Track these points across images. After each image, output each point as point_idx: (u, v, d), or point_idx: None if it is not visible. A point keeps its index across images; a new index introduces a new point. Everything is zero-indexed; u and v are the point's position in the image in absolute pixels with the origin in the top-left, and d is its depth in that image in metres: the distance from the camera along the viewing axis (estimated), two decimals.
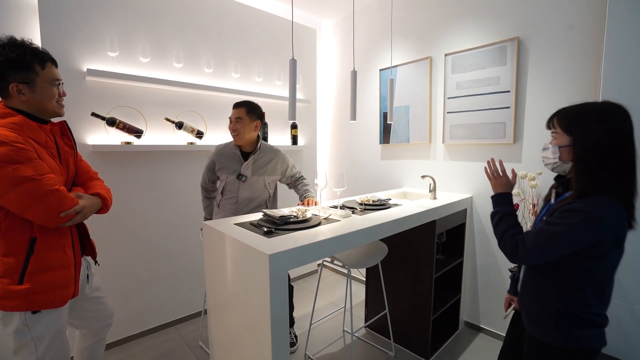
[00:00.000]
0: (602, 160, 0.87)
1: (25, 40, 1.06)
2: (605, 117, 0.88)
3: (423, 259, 1.89)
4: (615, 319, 1.52)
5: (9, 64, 1.01)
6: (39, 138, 1.07)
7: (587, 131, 0.89)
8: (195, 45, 2.26)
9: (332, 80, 3.25)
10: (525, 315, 1.04)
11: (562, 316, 0.94)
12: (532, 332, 1.01)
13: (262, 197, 1.87)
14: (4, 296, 1.02)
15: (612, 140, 0.87)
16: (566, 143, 0.93)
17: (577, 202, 0.88)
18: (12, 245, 1.03)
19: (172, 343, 2.10)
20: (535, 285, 1.01)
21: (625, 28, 1.45)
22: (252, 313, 1.19)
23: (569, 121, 0.93)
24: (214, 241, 1.41)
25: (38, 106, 1.08)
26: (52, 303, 1.07)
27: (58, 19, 1.73)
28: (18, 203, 0.97)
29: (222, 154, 1.85)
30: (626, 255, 1.49)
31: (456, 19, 2.23)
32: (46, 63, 1.08)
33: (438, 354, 1.99)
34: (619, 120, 0.88)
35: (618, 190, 0.86)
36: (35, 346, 1.07)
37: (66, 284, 1.11)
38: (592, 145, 0.88)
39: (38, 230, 1.05)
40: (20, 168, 0.95)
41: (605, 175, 0.87)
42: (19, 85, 1.04)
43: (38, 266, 1.05)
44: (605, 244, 0.86)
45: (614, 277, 0.93)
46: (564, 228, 0.87)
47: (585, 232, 0.85)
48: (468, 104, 2.16)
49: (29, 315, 1.05)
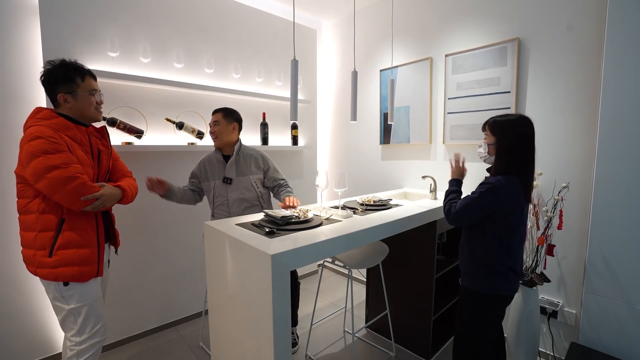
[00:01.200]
0: (511, 152, 1.25)
1: (71, 60, 1.31)
2: (516, 125, 1.27)
3: (424, 260, 1.90)
4: (615, 318, 1.53)
5: (57, 79, 1.26)
6: (75, 136, 1.28)
7: (505, 134, 1.27)
8: (195, 45, 2.26)
9: (332, 81, 3.25)
10: (461, 270, 1.40)
11: (484, 266, 1.30)
12: (463, 283, 1.38)
13: (252, 197, 1.88)
14: (39, 265, 1.24)
15: (519, 141, 1.26)
16: (492, 142, 1.31)
17: (490, 178, 1.27)
18: (46, 223, 1.23)
19: (172, 344, 2.10)
20: (467, 244, 1.37)
21: (625, 28, 1.45)
22: (253, 313, 1.19)
23: (495, 127, 1.30)
24: (215, 241, 1.41)
25: (80, 112, 1.31)
26: (76, 277, 1.26)
27: (59, 19, 1.73)
28: (48, 187, 1.17)
29: (207, 161, 1.92)
30: (625, 254, 1.50)
31: (456, 19, 2.23)
32: (85, 76, 1.31)
33: (439, 354, 1.99)
34: (525, 128, 1.26)
35: (520, 173, 1.25)
36: (74, 318, 1.28)
37: (88, 261, 1.29)
38: (506, 143, 1.27)
39: (67, 212, 1.25)
40: (50, 157, 1.16)
41: (512, 162, 1.25)
42: (65, 95, 1.27)
43: (64, 243, 1.24)
44: (505, 208, 1.24)
45: (518, 239, 1.29)
46: (477, 195, 1.26)
47: (489, 197, 1.23)
48: (468, 105, 2.17)
49: (62, 286, 1.25)
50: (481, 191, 1.25)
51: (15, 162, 1.69)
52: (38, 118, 1.24)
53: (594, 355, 1.54)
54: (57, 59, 1.29)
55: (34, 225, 1.24)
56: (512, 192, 1.23)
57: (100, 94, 1.37)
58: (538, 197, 1.84)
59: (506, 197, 1.23)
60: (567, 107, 1.78)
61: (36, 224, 1.23)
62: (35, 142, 1.16)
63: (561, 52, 1.78)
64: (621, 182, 1.49)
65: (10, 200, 1.73)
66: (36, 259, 1.24)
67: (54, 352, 1.88)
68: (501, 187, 1.22)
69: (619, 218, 1.50)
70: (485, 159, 1.36)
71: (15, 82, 1.71)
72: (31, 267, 1.27)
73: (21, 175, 1.23)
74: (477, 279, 1.32)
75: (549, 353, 1.89)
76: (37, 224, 1.23)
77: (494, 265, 1.28)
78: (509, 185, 1.23)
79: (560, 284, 1.86)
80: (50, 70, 1.27)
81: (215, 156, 1.90)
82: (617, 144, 1.49)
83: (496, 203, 1.23)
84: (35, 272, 1.25)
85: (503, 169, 1.27)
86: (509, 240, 1.28)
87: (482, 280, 1.31)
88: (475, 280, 1.33)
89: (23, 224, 1.27)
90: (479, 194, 1.25)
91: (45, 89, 1.29)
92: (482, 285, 1.31)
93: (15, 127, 1.72)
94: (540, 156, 1.85)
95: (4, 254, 1.72)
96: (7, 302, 1.74)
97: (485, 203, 1.24)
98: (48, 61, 1.28)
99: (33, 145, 1.16)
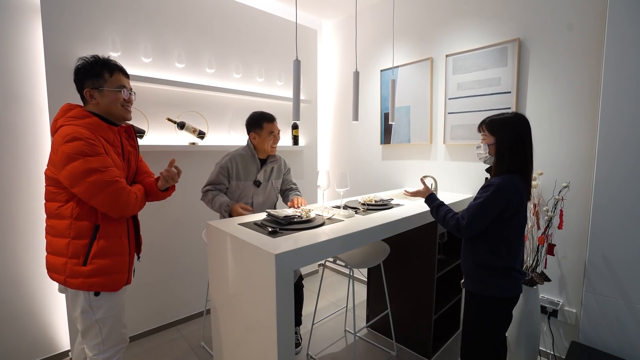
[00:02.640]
0: (512, 151, 1.25)
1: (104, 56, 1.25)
2: (514, 123, 1.27)
3: (424, 259, 1.90)
4: (615, 316, 1.54)
5: (85, 73, 1.20)
6: (108, 137, 1.22)
7: (504, 133, 1.27)
8: (196, 45, 2.27)
9: (333, 81, 3.26)
10: (466, 275, 1.37)
11: (490, 269, 1.27)
12: (467, 287, 1.36)
13: (272, 200, 1.98)
14: (71, 274, 1.16)
15: (518, 139, 1.26)
16: (492, 142, 1.30)
17: (492, 179, 1.27)
18: (81, 229, 1.16)
19: (173, 343, 2.10)
20: (470, 248, 1.34)
21: (625, 28, 1.46)
22: (257, 313, 1.19)
23: (493, 126, 1.30)
24: (218, 241, 1.41)
25: (106, 109, 1.24)
26: (109, 286, 1.20)
27: (60, 19, 1.73)
28: (87, 192, 1.11)
29: (241, 161, 1.84)
30: (625, 254, 1.51)
31: (457, 20, 2.24)
32: (114, 72, 1.24)
33: (440, 353, 2.00)
34: (522, 126, 1.27)
35: (521, 171, 1.25)
36: (99, 329, 1.21)
37: (121, 269, 1.24)
38: (506, 142, 1.26)
39: (101, 218, 1.19)
40: (90, 160, 1.10)
41: (513, 161, 1.25)
42: (91, 91, 1.21)
43: (99, 251, 1.18)
44: (511, 207, 1.22)
45: (521, 238, 1.29)
46: (483, 199, 1.23)
47: (496, 199, 1.21)
48: (469, 105, 2.18)
49: (92, 296, 1.19)
50: (486, 195, 1.22)
51: (14, 161, 1.72)
52: (70, 117, 1.17)
53: (594, 354, 1.55)
54: (90, 55, 1.25)
55: (67, 231, 1.16)
56: (517, 191, 1.22)
57: (131, 92, 1.29)
58: (539, 197, 1.85)
59: (512, 197, 1.21)
60: (568, 107, 1.79)
61: (69, 230, 1.15)
62: (74, 144, 1.09)
63: (561, 52, 1.79)
64: (621, 182, 1.50)
65: (10, 200, 1.73)
66: (68, 268, 1.16)
67: (54, 352, 1.88)
68: (506, 187, 1.21)
69: (619, 218, 1.51)
70: (486, 159, 1.35)
71: (16, 82, 1.71)
72: (59, 276, 1.18)
73: (54, 177, 1.16)
74: (483, 282, 1.29)
75: (549, 352, 1.90)
76: (70, 231, 1.15)
77: (499, 267, 1.26)
78: (514, 185, 1.22)
79: (561, 283, 1.87)
80: (80, 66, 1.22)
81: (251, 158, 1.87)
82: (617, 144, 1.50)
83: (503, 204, 1.21)
84: (65, 281, 1.17)
85: (505, 169, 1.26)
86: (515, 240, 1.26)
87: (489, 283, 1.28)
88: (481, 284, 1.29)
89: (53, 229, 1.19)
90: (485, 198, 1.22)
91: (76, 86, 1.24)
92: (489, 289, 1.28)
93: (16, 127, 1.72)
94: (540, 156, 1.86)
95: (4, 255, 1.72)
96: (7, 302, 1.73)
97: (493, 206, 1.22)
98: (80, 57, 1.23)
99: (71, 147, 1.09)
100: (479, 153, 1.37)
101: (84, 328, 1.21)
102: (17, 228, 1.74)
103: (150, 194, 1.36)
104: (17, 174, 1.73)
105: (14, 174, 1.72)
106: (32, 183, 1.77)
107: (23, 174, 1.75)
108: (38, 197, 1.79)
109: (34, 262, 1.79)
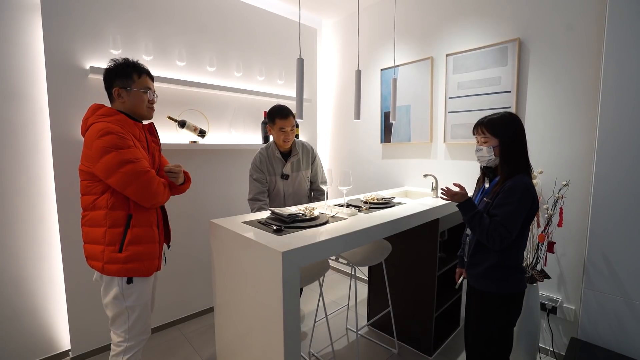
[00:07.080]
0: (515, 150, 1.26)
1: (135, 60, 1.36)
2: (514, 122, 1.28)
3: (425, 257, 1.92)
4: (614, 313, 1.56)
5: (116, 73, 1.30)
6: (135, 133, 1.31)
7: (507, 133, 1.26)
8: (197, 43, 2.26)
9: (333, 80, 3.26)
10: (475, 276, 1.35)
11: (506, 268, 1.27)
12: (479, 287, 1.33)
13: (304, 190, 2.09)
14: (109, 260, 1.24)
15: (519, 137, 1.27)
16: (496, 144, 1.28)
17: (509, 181, 1.23)
18: (116, 219, 1.24)
19: (175, 342, 2.10)
20: (483, 250, 1.31)
21: (625, 28, 1.48)
22: (262, 310, 1.19)
23: (495, 127, 1.28)
24: (222, 239, 1.41)
25: (132, 108, 1.33)
26: (142, 272, 1.29)
27: (60, 17, 1.71)
28: (121, 182, 1.19)
29: (267, 160, 1.97)
30: (624, 251, 1.53)
31: (457, 19, 2.25)
32: (142, 74, 1.34)
33: (441, 350, 2.01)
34: (518, 123, 1.28)
35: (527, 169, 1.27)
36: (127, 315, 1.29)
37: (152, 256, 1.33)
38: (511, 142, 1.26)
39: (133, 208, 1.27)
40: (123, 152, 1.19)
41: (518, 159, 1.26)
42: (120, 90, 1.30)
43: (133, 238, 1.26)
44: (534, 206, 1.23)
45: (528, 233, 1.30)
46: (515, 203, 1.19)
47: (526, 200, 1.20)
48: (469, 104, 2.19)
49: (125, 284, 1.27)
50: (519, 198, 1.19)
51: (13, 159, 1.70)
52: (100, 114, 1.25)
53: (593, 350, 1.57)
54: (121, 58, 1.34)
55: (103, 221, 1.24)
56: (534, 188, 1.23)
57: (154, 94, 1.39)
58: (539, 195, 1.87)
59: (535, 197, 1.22)
60: (567, 106, 1.81)
61: (105, 219, 1.24)
62: (107, 138, 1.18)
63: (561, 52, 1.81)
64: (620, 180, 1.52)
65: (11, 199, 1.71)
66: (105, 255, 1.24)
67: (54, 352, 1.87)
68: (529, 186, 1.21)
69: (618, 216, 1.53)
70: (490, 162, 1.31)
71: (16, 80, 1.69)
72: (97, 263, 1.25)
73: (88, 171, 1.23)
74: (501, 281, 1.27)
75: (548, 348, 1.92)
76: (106, 220, 1.24)
77: (516, 265, 1.28)
78: (531, 183, 1.23)
79: (560, 280, 1.89)
80: (111, 66, 1.31)
81: (273, 154, 1.97)
82: (617, 143, 1.52)
83: (530, 203, 1.21)
84: (103, 268, 1.24)
85: (515, 169, 1.25)
86: (525, 238, 1.29)
87: (508, 281, 1.27)
88: (499, 283, 1.28)
89: (90, 220, 1.26)
90: (517, 201, 1.19)
91: (105, 84, 1.32)
92: (508, 287, 1.27)
93: (16, 125, 1.70)
94: (541, 155, 1.88)
95: (4, 255, 1.70)
96: (7, 301, 1.72)
97: (524, 208, 1.20)
98: (111, 59, 1.32)
99: (105, 140, 1.17)
100: (482, 156, 1.32)
101: (113, 315, 1.29)
102: (18, 228, 1.73)
103: (172, 187, 1.44)
104: (17, 173, 1.72)
105: (14, 173, 1.71)
106: (33, 182, 1.76)
107: (23, 172, 1.74)
108: (38, 196, 1.78)
109: (34, 262, 1.78)
